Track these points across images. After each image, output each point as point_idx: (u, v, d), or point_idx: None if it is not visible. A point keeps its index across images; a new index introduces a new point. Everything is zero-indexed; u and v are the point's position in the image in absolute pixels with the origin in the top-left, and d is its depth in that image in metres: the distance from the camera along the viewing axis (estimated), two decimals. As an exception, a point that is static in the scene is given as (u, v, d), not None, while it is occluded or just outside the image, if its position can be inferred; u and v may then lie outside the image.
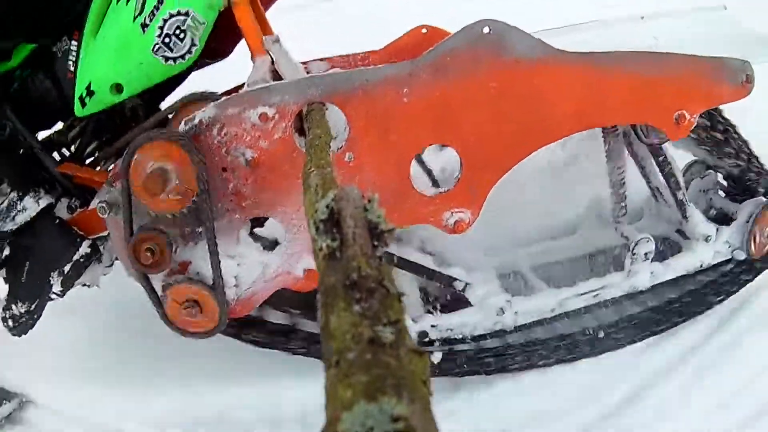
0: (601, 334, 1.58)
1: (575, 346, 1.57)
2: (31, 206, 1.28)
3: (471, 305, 1.50)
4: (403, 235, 1.49)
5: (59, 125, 1.49)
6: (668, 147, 1.57)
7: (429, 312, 1.51)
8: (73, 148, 1.49)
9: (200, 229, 1.18)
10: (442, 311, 1.52)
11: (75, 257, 1.33)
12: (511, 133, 1.19)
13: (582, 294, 1.56)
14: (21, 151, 1.35)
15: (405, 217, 1.22)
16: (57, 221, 1.32)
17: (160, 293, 1.22)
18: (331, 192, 0.48)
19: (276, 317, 1.50)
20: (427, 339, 1.48)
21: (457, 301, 1.53)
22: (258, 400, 1.52)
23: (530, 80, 1.16)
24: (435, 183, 1.73)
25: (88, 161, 1.48)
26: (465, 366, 1.52)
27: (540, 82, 1.16)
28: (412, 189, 1.20)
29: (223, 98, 1.15)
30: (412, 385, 0.30)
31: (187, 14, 1.20)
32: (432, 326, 1.49)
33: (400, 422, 0.27)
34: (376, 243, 0.44)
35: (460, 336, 1.52)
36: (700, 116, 1.41)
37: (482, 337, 1.53)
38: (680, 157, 1.67)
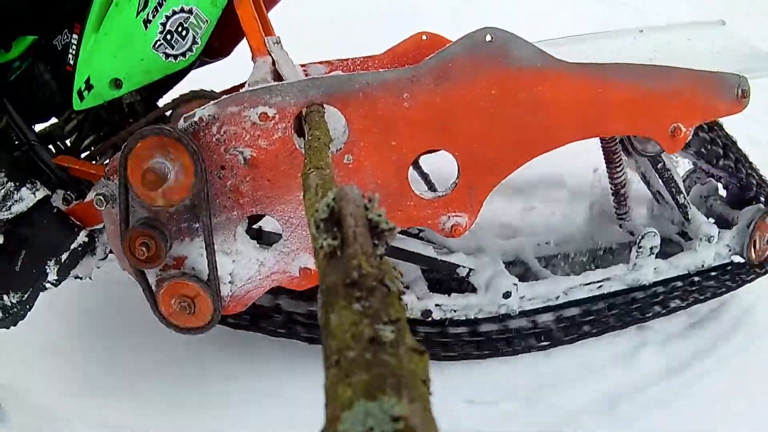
0: None
1: None
2: (27, 197, 1.27)
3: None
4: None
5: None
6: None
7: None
8: (69, 141, 1.49)
9: (197, 225, 1.18)
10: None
11: (72, 246, 1.32)
12: (509, 140, 1.20)
13: (586, 284, 1.58)
14: (17, 142, 1.34)
15: (402, 219, 1.22)
16: (55, 210, 1.31)
17: (154, 288, 1.22)
18: (331, 191, 0.48)
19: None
20: (429, 318, 1.51)
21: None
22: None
23: (530, 89, 1.17)
24: (431, 187, 1.74)
25: (83, 155, 1.48)
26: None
27: (540, 91, 1.17)
28: (410, 191, 1.21)
29: (224, 96, 1.15)
30: (412, 385, 0.30)
31: (190, 12, 1.20)
32: (437, 305, 1.50)
33: (400, 422, 0.27)
34: (376, 242, 0.44)
35: (464, 317, 1.53)
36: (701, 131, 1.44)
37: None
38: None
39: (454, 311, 1.52)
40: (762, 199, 1.69)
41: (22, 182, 1.26)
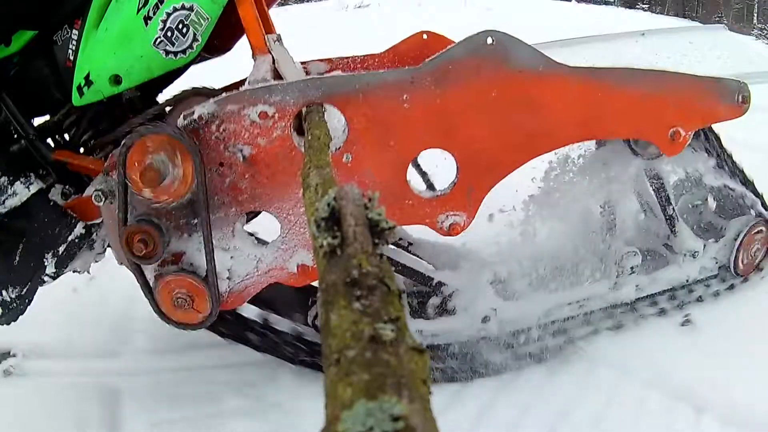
0: None
1: None
2: (21, 191, 1.27)
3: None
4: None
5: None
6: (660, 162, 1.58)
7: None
8: (67, 136, 1.49)
9: (195, 221, 1.18)
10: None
11: (70, 238, 1.32)
12: (508, 141, 1.20)
13: (568, 304, 1.57)
14: (15, 136, 1.34)
15: (401, 218, 1.22)
16: (51, 203, 1.31)
17: (152, 283, 1.22)
18: (331, 190, 0.48)
19: (247, 312, 1.49)
20: None
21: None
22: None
23: (530, 91, 1.17)
24: (430, 186, 1.74)
25: (82, 149, 1.47)
26: None
27: (540, 94, 1.17)
28: (409, 191, 1.21)
29: (224, 94, 1.15)
30: (413, 384, 0.30)
31: (191, 9, 1.20)
32: (418, 331, 1.49)
33: (400, 421, 0.27)
34: (376, 241, 0.44)
35: (445, 342, 1.52)
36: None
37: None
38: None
39: (435, 336, 1.50)
40: (751, 210, 1.68)
41: (16, 176, 1.26)
